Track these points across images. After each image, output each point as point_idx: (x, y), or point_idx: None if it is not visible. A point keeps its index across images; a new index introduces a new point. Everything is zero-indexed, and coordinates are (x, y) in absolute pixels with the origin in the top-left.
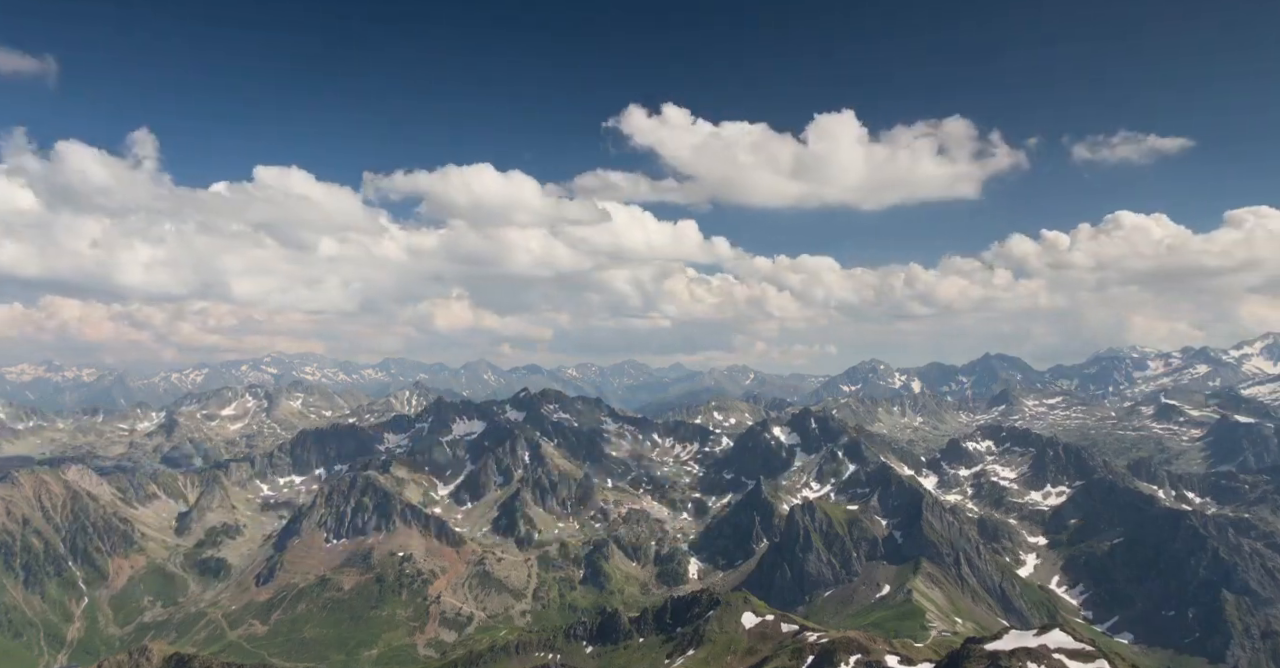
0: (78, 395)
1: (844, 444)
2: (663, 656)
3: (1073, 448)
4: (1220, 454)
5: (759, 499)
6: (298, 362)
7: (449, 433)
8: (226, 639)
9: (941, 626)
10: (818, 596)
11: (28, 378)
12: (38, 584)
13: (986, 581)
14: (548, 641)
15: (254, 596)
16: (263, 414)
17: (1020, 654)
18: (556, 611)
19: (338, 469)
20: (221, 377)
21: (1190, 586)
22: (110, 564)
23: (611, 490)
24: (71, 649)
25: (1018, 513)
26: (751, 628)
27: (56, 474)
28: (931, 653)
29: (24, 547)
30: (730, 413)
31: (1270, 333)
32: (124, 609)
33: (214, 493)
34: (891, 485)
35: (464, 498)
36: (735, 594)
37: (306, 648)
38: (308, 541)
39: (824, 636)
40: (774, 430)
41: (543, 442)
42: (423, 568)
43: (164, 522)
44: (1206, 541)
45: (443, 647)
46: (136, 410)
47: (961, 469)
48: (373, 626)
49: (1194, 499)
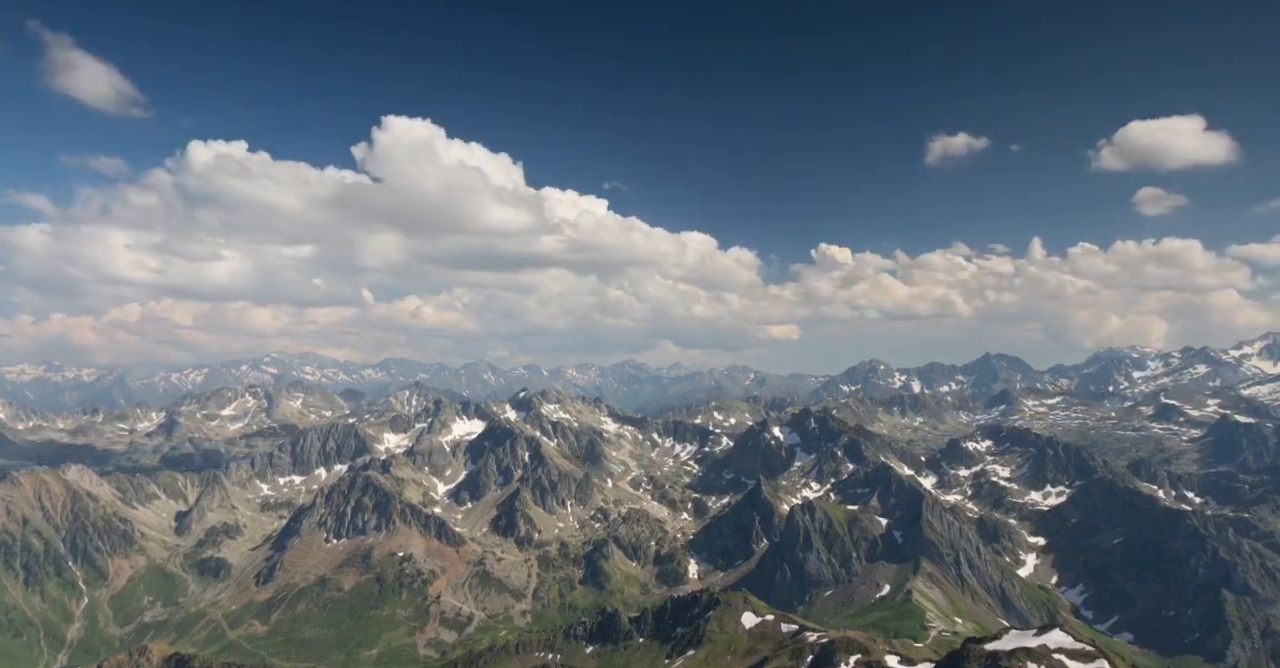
0: (78, 395)
1: (844, 444)
2: (662, 656)
3: (1072, 448)
4: (1220, 454)
5: (759, 499)
6: (298, 362)
7: (449, 433)
8: (226, 639)
9: (941, 626)
10: (818, 596)
11: (28, 378)
12: (38, 584)
13: (986, 581)
14: (548, 641)
15: (254, 596)
16: (263, 414)
17: (1020, 654)
18: (556, 611)
19: (338, 469)
20: (221, 377)
21: (1190, 585)
22: (110, 564)
23: (611, 490)
24: (71, 649)
25: (1017, 513)
26: (751, 628)
27: (56, 474)
28: (931, 653)
29: (24, 547)
30: (730, 413)
31: (1270, 333)
32: (124, 609)
33: (214, 493)
34: (891, 485)
35: (464, 498)
36: (735, 594)
37: (306, 648)
38: (308, 540)
39: (824, 636)
40: (774, 430)
41: (543, 442)
42: (423, 568)
43: (164, 522)
44: (1206, 540)
45: (443, 647)
46: (136, 410)
47: (961, 469)
48: (373, 626)
49: (1194, 499)
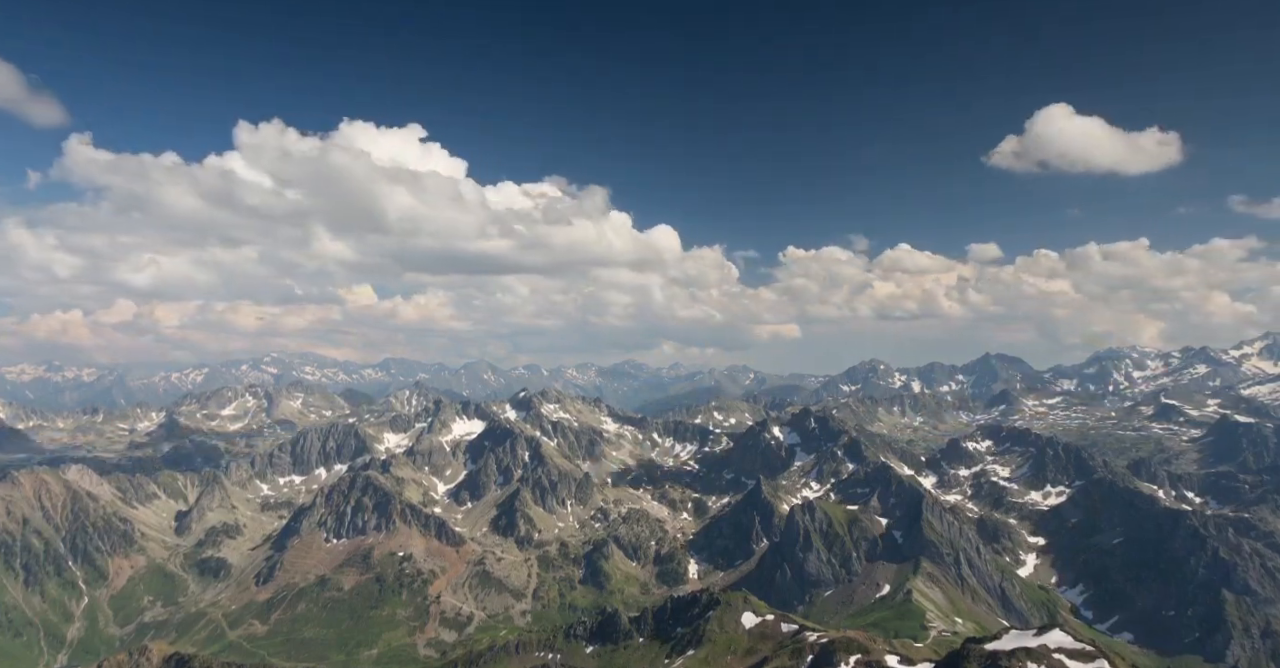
0: (78, 395)
1: (844, 444)
2: (662, 656)
3: (1072, 448)
4: (1220, 454)
5: (759, 499)
6: (298, 362)
7: (449, 433)
8: (226, 639)
9: (941, 626)
10: (817, 595)
11: (28, 378)
12: (38, 584)
13: (986, 580)
14: (548, 641)
15: (254, 595)
16: (263, 414)
17: (1020, 654)
18: (556, 611)
19: (338, 469)
20: (221, 377)
21: (1190, 585)
22: (110, 564)
23: (611, 490)
24: (71, 649)
25: (1017, 513)
26: (751, 628)
27: (56, 474)
28: (931, 653)
29: (24, 547)
30: (730, 413)
31: (1270, 333)
32: (124, 609)
33: (214, 493)
34: (891, 485)
35: (464, 498)
36: (735, 594)
37: (306, 648)
38: (308, 540)
39: (824, 636)
40: (774, 430)
41: (543, 441)
42: (423, 568)
43: (164, 522)
44: (1206, 540)
45: (443, 647)
46: (136, 410)
47: (961, 469)
48: (373, 626)
49: (1194, 499)
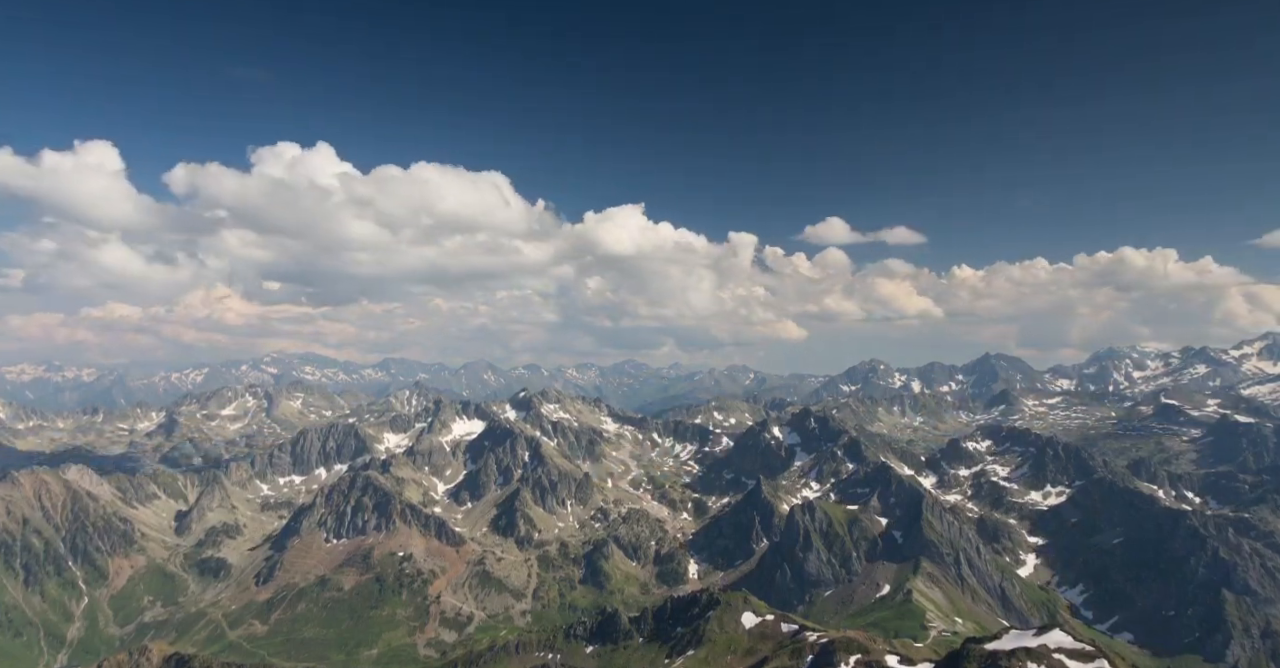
0: (78, 395)
1: (844, 444)
2: (662, 656)
3: (1072, 448)
4: (1220, 454)
5: (759, 499)
6: (298, 362)
7: (449, 433)
8: (226, 639)
9: (941, 626)
10: (817, 595)
11: (28, 378)
12: (38, 584)
13: (986, 580)
14: (548, 641)
15: (254, 595)
16: (263, 414)
17: (1020, 654)
18: (556, 610)
19: (338, 469)
20: (221, 377)
21: (1190, 585)
22: (110, 564)
23: (611, 490)
24: (71, 649)
25: (1017, 513)
26: (751, 628)
27: (56, 474)
28: (931, 653)
29: (24, 547)
30: (730, 413)
31: (1270, 333)
32: (124, 609)
33: (214, 493)
34: (891, 485)
35: (464, 498)
36: (735, 594)
37: (306, 648)
38: (308, 540)
39: (824, 635)
40: (774, 430)
41: (543, 441)
42: (423, 568)
43: (164, 522)
44: (1206, 540)
45: (443, 647)
46: (136, 410)
47: (961, 469)
48: (373, 626)
49: (1193, 499)
